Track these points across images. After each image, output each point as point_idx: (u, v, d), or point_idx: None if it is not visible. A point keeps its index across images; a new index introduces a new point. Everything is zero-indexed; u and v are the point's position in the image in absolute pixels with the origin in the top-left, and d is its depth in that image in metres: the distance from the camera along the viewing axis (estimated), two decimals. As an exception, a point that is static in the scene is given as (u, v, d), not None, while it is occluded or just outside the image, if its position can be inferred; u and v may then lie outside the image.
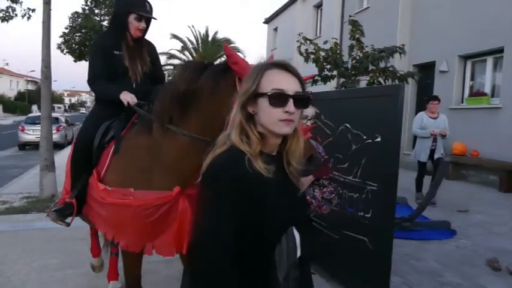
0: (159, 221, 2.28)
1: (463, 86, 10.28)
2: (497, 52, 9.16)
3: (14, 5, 6.82)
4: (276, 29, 23.77)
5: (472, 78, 10.25)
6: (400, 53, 7.91)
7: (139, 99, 2.60)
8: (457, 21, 10.04)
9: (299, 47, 8.15)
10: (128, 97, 2.59)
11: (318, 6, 18.97)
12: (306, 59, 8.14)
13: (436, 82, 10.55)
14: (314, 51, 8.07)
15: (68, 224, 2.84)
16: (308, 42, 8.13)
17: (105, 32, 2.92)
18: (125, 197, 2.28)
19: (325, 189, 2.52)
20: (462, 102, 10.18)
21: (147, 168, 2.31)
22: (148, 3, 2.77)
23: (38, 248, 4.51)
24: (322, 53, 8.09)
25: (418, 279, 3.80)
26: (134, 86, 2.77)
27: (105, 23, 20.19)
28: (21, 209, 6.30)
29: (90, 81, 2.79)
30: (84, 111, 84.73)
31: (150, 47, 2.99)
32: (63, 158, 7.49)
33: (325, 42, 7.99)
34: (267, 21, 25.06)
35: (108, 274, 3.43)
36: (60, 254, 4.34)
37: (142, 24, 2.76)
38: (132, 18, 2.72)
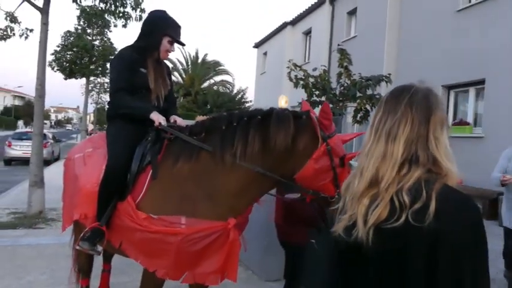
0: (204, 249, 2.24)
1: (446, 115, 10.64)
2: (479, 83, 9.58)
3: (12, 25, 6.91)
4: (265, 53, 24.23)
5: (455, 108, 10.64)
6: (386, 82, 8.24)
7: None
8: (441, 53, 10.50)
9: (289, 73, 8.40)
10: (160, 118, 2.51)
11: (307, 33, 19.51)
12: (296, 85, 8.40)
13: (421, 110, 10.90)
14: (303, 77, 8.36)
15: (99, 253, 2.71)
16: (298, 68, 8.43)
17: (133, 45, 2.76)
18: (173, 225, 2.21)
19: None
20: (446, 130, 10.51)
21: (194, 196, 2.27)
22: (181, 28, 2.79)
23: (26, 264, 4.51)
24: (311, 80, 8.37)
25: None
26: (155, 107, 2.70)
27: (96, 43, 20.52)
28: (9, 224, 6.26)
29: (115, 92, 2.64)
30: (70, 128, 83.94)
31: (168, 69, 2.99)
32: (49, 174, 7.53)
33: (315, 69, 8.27)
34: (257, 45, 25.56)
35: (98, 291, 3.45)
36: (48, 270, 4.35)
37: (173, 49, 2.77)
38: (166, 40, 2.70)
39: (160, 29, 2.70)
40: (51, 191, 7.36)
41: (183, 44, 2.82)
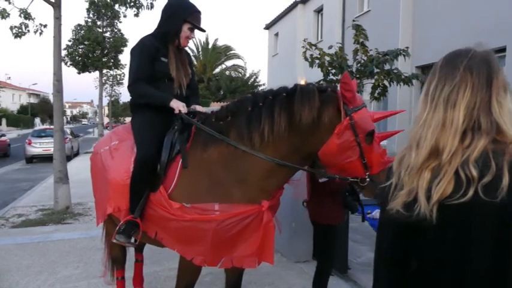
0: (239, 233, 2.25)
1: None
2: (500, 51, 9.24)
3: (27, 22, 6.91)
4: (276, 35, 23.90)
5: (476, 78, 10.32)
6: (404, 56, 8.02)
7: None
8: (459, 21, 10.15)
9: (304, 52, 8.25)
10: (179, 105, 2.50)
11: (319, 11, 19.12)
12: (311, 64, 8.25)
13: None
14: (319, 56, 8.19)
15: (135, 245, 2.74)
16: (313, 47, 8.26)
17: (153, 33, 2.70)
18: (206, 213, 2.23)
19: None
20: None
21: (224, 182, 2.27)
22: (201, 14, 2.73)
23: (59, 259, 4.60)
24: (327, 58, 8.20)
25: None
26: (178, 96, 2.69)
27: (107, 34, 20.55)
28: (38, 221, 6.39)
29: (133, 82, 2.59)
30: (86, 123, 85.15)
31: (189, 57, 2.94)
32: (71, 169, 7.64)
33: (330, 47, 8.09)
34: (268, 26, 25.21)
35: (134, 281, 3.49)
36: (82, 264, 4.43)
37: (193, 35, 2.73)
38: (186, 27, 2.64)
39: (180, 15, 2.64)
40: (74, 186, 7.49)
41: (203, 30, 2.75)
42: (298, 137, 2.19)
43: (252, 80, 32.26)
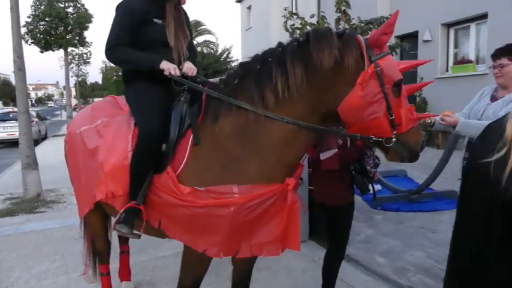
0: (260, 216, 1.94)
1: (447, 54, 10.30)
2: (480, 18, 9.15)
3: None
4: (249, 8, 23.19)
5: (456, 46, 10.26)
6: (388, 24, 7.79)
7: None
8: (438, -11, 9.97)
9: (285, 22, 7.88)
10: (170, 66, 2.14)
11: (292, -19, 18.59)
12: (292, 35, 7.91)
13: (420, 52, 10.53)
14: (300, 26, 7.85)
15: (139, 236, 2.28)
16: (295, 16, 7.89)
17: None
18: (223, 196, 1.90)
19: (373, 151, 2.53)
20: (447, 70, 10.21)
21: (241, 158, 1.94)
22: None
23: (33, 252, 4.19)
24: (309, 28, 7.87)
25: (441, 251, 3.73)
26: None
27: (70, 10, 19.37)
28: (7, 211, 5.87)
29: (111, 46, 2.20)
30: (53, 105, 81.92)
31: (187, 17, 2.48)
32: (40, 154, 7.12)
33: (312, 16, 7.76)
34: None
35: (120, 274, 3.19)
36: (59, 256, 4.05)
37: None
38: None
39: None
40: (44, 172, 6.98)
41: None
42: (316, 90, 1.83)
43: (225, 55, 31.49)
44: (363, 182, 2.51)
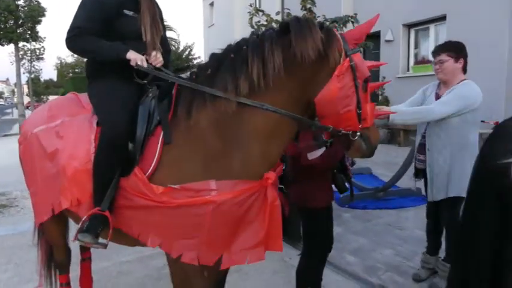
0: (241, 218, 1.80)
1: (408, 54, 10.62)
2: (439, 20, 9.49)
3: None
4: (212, 4, 22.92)
5: (416, 46, 10.60)
6: (353, 22, 7.89)
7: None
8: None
9: (250, 18, 7.80)
10: (138, 57, 1.99)
11: (256, -21, 18.53)
12: (257, 32, 7.84)
13: (382, 51, 10.78)
14: (266, 23, 7.80)
15: (106, 246, 2.07)
16: (260, 13, 7.82)
17: None
18: (200, 194, 1.75)
19: None
20: (408, 70, 10.53)
21: (218, 152, 1.81)
22: None
23: (-17, 261, 3.86)
24: (274, 25, 7.84)
25: (408, 249, 3.78)
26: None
27: (21, 2, 18.32)
28: (-49, 217, 5.43)
29: (73, 34, 2.02)
30: (3, 103, 77.50)
31: (160, 10, 2.33)
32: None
33: (278, 13, 7.73)
34: (202, -4, 24.13)
35: (81, 282, 2.96)
36: (11, 266, 3.75)
37: None
38: None
39: None
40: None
41: None
42: (295, 80, 1.78)
43: (187, 53, 31.01)
44: (342, 181, 2.46)
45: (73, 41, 2.03)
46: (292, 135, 1.98)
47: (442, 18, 9.34)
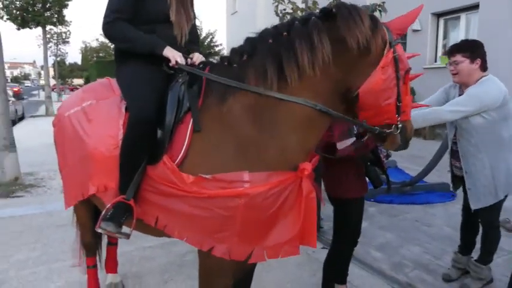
0: (276, 212, 1.71)
1: (436, 44, 10.29)
2: (471, 8, 9.13)
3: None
4: (235, -9, 22.74)
5: (445, 37, 10.26)
6: (380, 11, 7.68)
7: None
8: (430, -22, 9.89)
9: (276, 6, 7.68)
10: (176, 54, 1.94)
11: (281, -35, 18.21)
12: (282, 20, 7.72)
13: (409, 41, 10.48)
14: (292, 11, 7.67)
15: (128, 236, 2.05)
16: (286, 1, 7.68)
17: None
18: (233, 185, 1.67)
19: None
20: (436, 61, 10.21)
21: (254, 142, 1.73)
22: None
23: (11, 239, 3.96)
24: (300, 13, 7.70)
25: (437, 246, 3.68)
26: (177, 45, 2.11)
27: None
28: (-18, 195, 5.60)
29: (110, 19, 1.99)
30: (30, 84, 79.42)
31: None
32: (18, 135, 6.78)
33: (304, 1, 7.58)
34: (226, -17, 23.91)
35: (106, 266, 3.01)
36: (39, 245, 3.83)
37: None
38: None
39: None
40: (22, 154, 6.66)
41: None
42: (340, 69, 1.70)
43: (209, 40, 30.91)
44: (377, 174, 2.38)
45: (110, 28, 2.00)
46: (328, 125, 1.92)
47: (475, 6, 8.98)
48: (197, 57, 2.10)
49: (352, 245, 2.54)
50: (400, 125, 1.80)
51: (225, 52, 26.31)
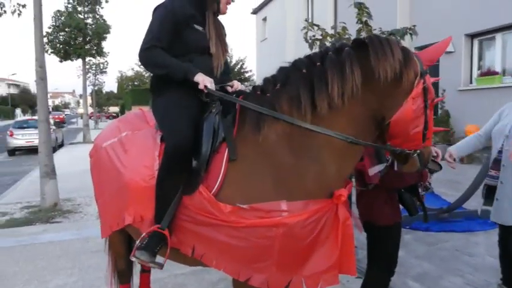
0: (312, 240, 1.72)
1: (471, 65, 10.05)
2: (507, 28, 8.91)
3: (3, 1, 6.27)
4: (265, 19, 23.26)
5: (480, 58, 10.01)
6: (411, 34, 7.63)
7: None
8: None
9: (306, 33, 7.79)
10: (206, 80, 1.97)
11: (309, -8, 18.56)
12: (311, 46, 7.80)
13: (442, 63, 10.26)
14: (321, 37, 7.75)
15: (162, 266, 2.03)
16: (315, 27, 7.79)
17: None
18: (270, 215, 1.69)
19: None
20: (471, 82, 9.95)
21: (291, 171, 1.76)
22: None
23: (50, 264, 4.08)
24: (329, 39, 7.76)
25: (480, 278, 3.48)
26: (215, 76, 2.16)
27: (89, 21, 19.64)
28: (24, 220, 5.84)
29: (147, 47, 2.04)
30: (69, 113, 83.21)
31: (224, 29, 2.35)
32: (57, 162, 7.07)
33: (333, 27, 7.66)
34: (255, 11, 24.53)
35: (140, 293, 3.03)
36: (76, 270, 3.93)
37: None
38: None
39: None
40: (61, 180, 6.92)
41: None
42: (373, 100, 1.76)
43: (239, 66, 31.59)
44: (412, 202, 2.32)
45: (146, 55, 2.07)
46: (362, 152, 1.97)
47: (510, 27, 8.76)
48: (237, 85, 2.18)
49: (388, 275, 2.44)
50: (418, 151, 1.87)
51: (255, 78, 26.73)
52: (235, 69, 30.90)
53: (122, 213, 2.07)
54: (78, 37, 18.77)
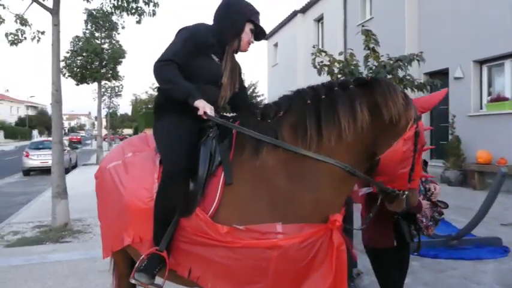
0: (309, 265, 1.75)
1: (480, 91, 10.05)
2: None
3: (23, 28, 6.55)
4: (276, 45, 23.68)
5: (490, 84, 10.02)
6: (418, 61, 7.70)
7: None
8: (470, 26, 9.85)
9: (314, 59, 7.93)
10: (206, 106, 2.00)
11: (319, 19, 18.90)
12: (319, 72, 7.91)
13: (451, 89, 10.29)
14: (329, 63, 7.87)
15: (161, 287, 2.05)
16: (323, 54, 7.93)
17: (209, 26, 2.27)
18: (266, 236, 1.72)
19: (437, 208, 2.52)
20: (481, 108, 9.92)
21: (287, 194, 1.81)
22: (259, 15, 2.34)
23: (58, 284, 4.15)
24: (337, 65, 7.88)
25: (487, 306, 3.43)
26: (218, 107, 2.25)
27: (105, 46, 20.29)
28: (35, 239, 5.95)
29: (165, 59, 2.09)
30: (84, 134, 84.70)
31: (241, 70, 2.44)
32: (69, 183, 7.22)
33: (341, 53, 7.81)
34: (267, 37, 25.01)
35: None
36: (83, 290, 3.98)
37: (253, 40, 2.32)
38: (248, 27, 2.24)
39: (244, 12, 2.22)
40: (72, 200, 7.05)
41: (265, 35, 2.37)
42: (371, 138, 1.86)
43: (251, 90, 32.00)
44: (409, 230, 2.35)
45: (161, 67, 2.11)
46: (357, 181, 2.07)
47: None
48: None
49: None
50: (407, 192, 1.97)
51: (267, 102, 26.97)
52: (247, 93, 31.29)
53: (121, 234, 2.12)
54: (94, 61, 19.32)
